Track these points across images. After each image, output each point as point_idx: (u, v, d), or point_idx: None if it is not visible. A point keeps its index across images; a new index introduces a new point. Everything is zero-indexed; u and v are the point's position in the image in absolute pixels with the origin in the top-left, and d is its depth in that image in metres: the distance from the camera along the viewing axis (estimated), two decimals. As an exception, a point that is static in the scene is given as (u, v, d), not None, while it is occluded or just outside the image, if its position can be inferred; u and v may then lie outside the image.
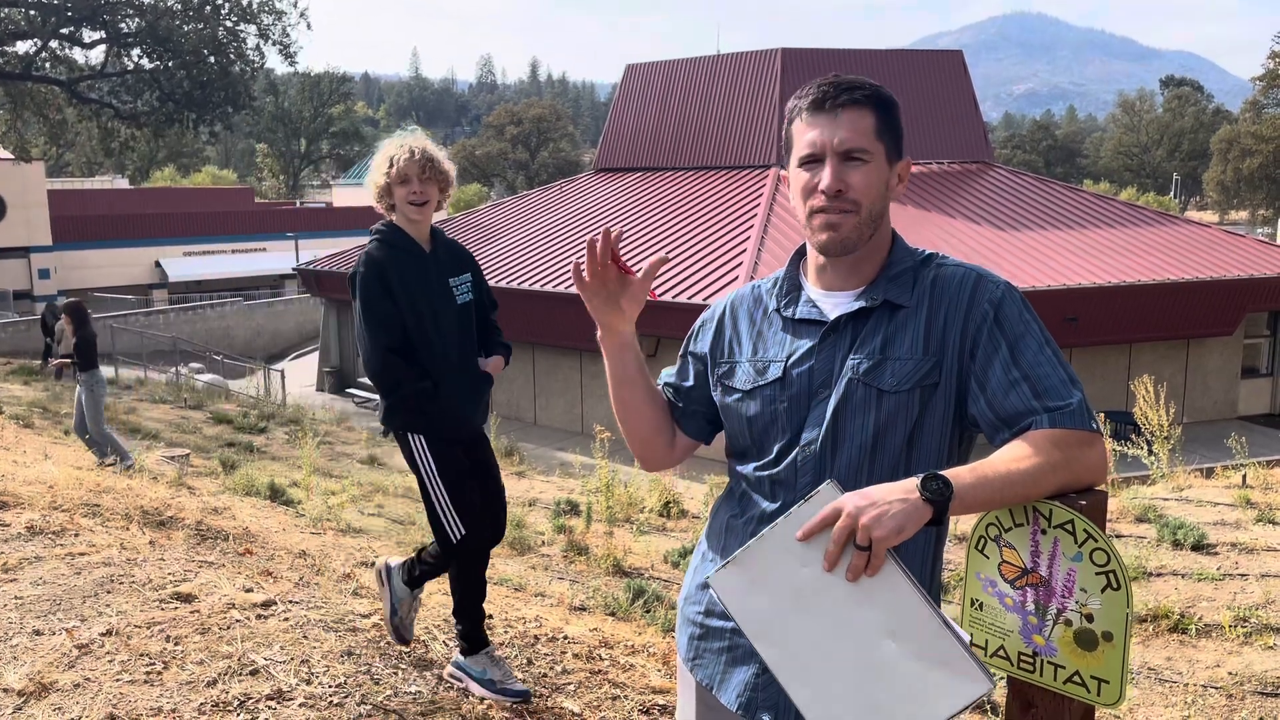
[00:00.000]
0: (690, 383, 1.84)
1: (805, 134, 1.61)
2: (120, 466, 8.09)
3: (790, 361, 1.65)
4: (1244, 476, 6.89)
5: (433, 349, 2.95)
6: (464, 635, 3.09)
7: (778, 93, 22.96)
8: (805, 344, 1.65)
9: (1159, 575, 5.11)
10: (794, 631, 1.41)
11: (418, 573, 3.16)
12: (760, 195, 20.38)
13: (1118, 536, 5.80)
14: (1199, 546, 5.39)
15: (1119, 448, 7.44)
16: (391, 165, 2.95)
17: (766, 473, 1.65)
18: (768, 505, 1.64)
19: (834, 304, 1.65)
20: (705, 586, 1.72)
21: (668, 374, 1.90)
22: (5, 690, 2.65)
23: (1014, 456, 1.45)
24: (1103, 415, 8.12)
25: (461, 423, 3.03)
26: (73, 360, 8.82)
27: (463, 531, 2.98)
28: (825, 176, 1.58)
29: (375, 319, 2.89)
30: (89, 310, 9.27)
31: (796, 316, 1.68)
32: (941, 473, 1.40)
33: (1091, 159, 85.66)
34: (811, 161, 1.60)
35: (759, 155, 22.74)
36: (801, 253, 1.76)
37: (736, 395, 1.71)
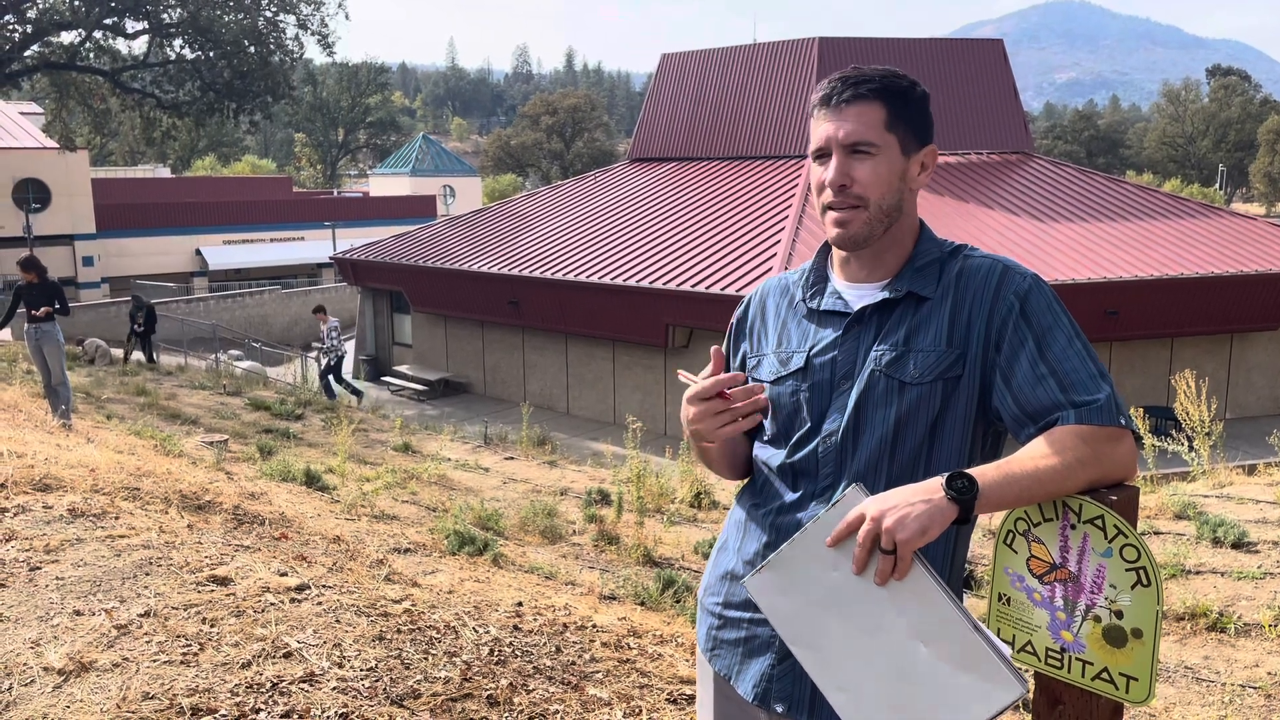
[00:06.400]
0: None
1: (816, 129, 1.63)
2: (61, 418, 8.69)
3: (813, 352, 1.65)
4: (1287, 474, 6.76)
5: None
6: None
7: (814, 83, 22.72)
8: (829, 335, 1.65)
9: (1198, 573, 5.03)
10: (828, 635, 1.42)
11: None
12: (795, 185, 20.26)
13: (1156, 533, 5.72)
14: (1239, 544, 5.30)
15: (1159, 443, 7.32)
16: None
17: (788, 461, 1.65)
18: (789, 495, 1.64)
19: (859, 296, 1.65)
20: (725, 577, 1.72)
21: None
22: (46, 669, 2.71)
23: (1041, 453, 1.43)
24: (1143, 410, 8.02)
25: None
26: (54, 309, 9.12)
27: None
28: (830, 171, 1.59)
29: None
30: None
31: (821, 308, 1.68)
32: (967, 471, 1.39)
33: (1135, 150, 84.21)
34: (821, 156, 1.62)
35: (794, 145, 22.59)
36: (830, 245, 1.76)
37: (763, 387, 1.71)
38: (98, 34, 26.13)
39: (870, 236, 1.60)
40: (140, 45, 27.57)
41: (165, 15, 26.09)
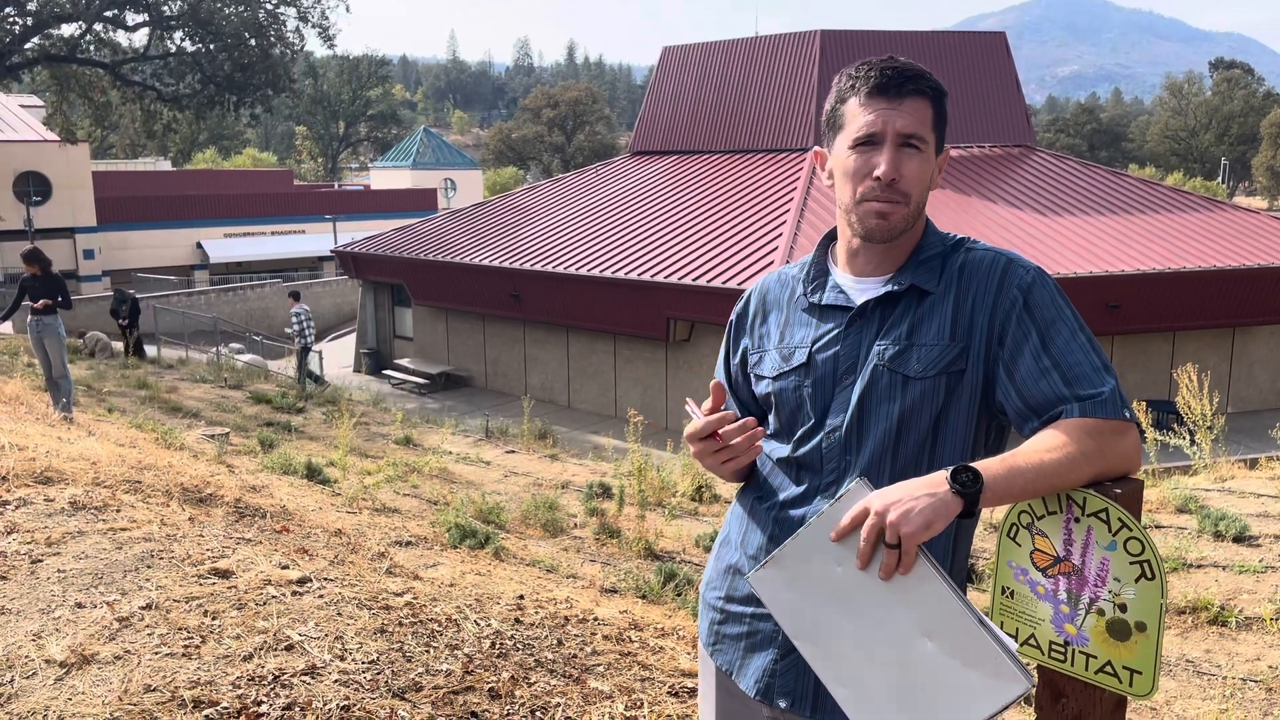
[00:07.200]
0: (744, 398, 1.82)
1: (863, 116, 1.57)
2: (62, 411, 8.68)
3: (816, 347, 1.64)
4: (1289, 468, 6.76)
5: None
6: None
7: (816, 75, 22.73)
8: (831, 330, 1.64)
9: (1199, 567, 5.03)
10: (833, 630, 1.41)
11: None
12: (797, 178, 20.23)
13: (1158, 527, 5.72)
14: (1241, 538, 5.30)
15: (1161, 437, 7.32)
16: None
17: (792, 456, 1.64)
18: (793, 490, 1.63)
19: (862, 290, 1.64)
20: (728, 571, 1.72)
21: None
22: (48, 661, 2.71)
23: (1045, 446, 1.42)
24: (1144, 404, 8.01)
25: None
26: (56, 302, 9.14)
27: None
28: (883, 162, 1.55)
29: None
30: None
31: (824, 302, 1.67)
32: (971, 464, 1.38)
33: (1137, 143, 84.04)
34: (867, 145, 1.57)
35: (796, 138, 22.55)
36: (830, 237, 1.74)
37: (765, 383, 1.70)
38: (98, 26, 26.09)
39: (904, 232, 1.60)
40: (140, 38, 27.55)
41: (165, 8, 26.06)
